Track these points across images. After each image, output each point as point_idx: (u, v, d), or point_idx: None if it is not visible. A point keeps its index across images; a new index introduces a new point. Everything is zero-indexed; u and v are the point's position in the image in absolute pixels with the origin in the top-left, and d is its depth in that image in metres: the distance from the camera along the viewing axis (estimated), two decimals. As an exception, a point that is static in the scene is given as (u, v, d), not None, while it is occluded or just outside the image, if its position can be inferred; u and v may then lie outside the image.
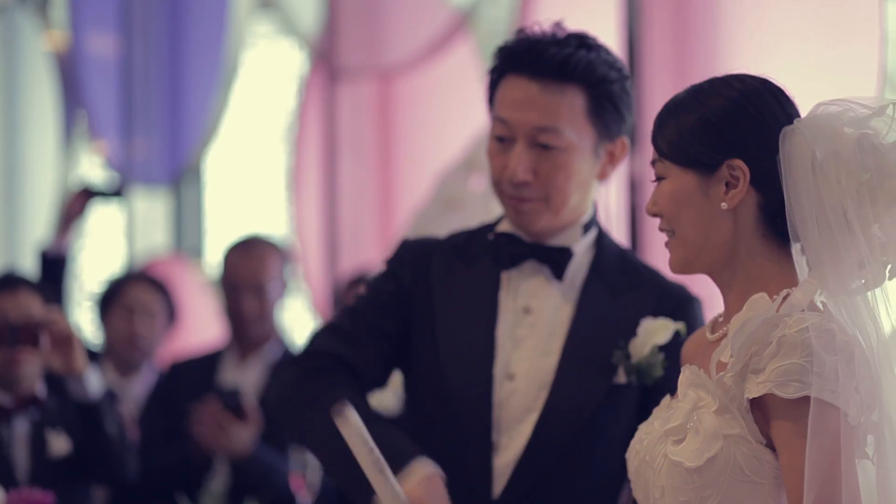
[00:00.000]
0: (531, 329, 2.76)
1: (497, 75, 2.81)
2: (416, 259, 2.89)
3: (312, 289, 7.13)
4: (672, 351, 2.54)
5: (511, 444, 2.75)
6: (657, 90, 4.90)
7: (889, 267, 2.29)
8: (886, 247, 2.29)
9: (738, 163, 2.32)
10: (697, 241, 2.35)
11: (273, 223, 7.50)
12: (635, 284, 2.80)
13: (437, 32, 6.20)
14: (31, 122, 8.61)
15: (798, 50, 4.42)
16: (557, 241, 2.81)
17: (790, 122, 2.34)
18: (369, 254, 6.61)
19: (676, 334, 2.67)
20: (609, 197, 3.03)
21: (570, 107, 2.74)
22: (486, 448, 2.74)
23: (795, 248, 2.34)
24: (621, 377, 2.70)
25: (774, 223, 2.33)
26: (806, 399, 2.18)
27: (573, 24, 5.47)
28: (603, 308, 2.71)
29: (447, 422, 2.78)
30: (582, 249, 2.83)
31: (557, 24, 2.81)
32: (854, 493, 2.18)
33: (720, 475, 2.24)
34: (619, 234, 4.12)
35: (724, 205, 2.33)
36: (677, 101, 2.41)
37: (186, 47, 7.94)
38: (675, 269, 2.40)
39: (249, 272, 5.08)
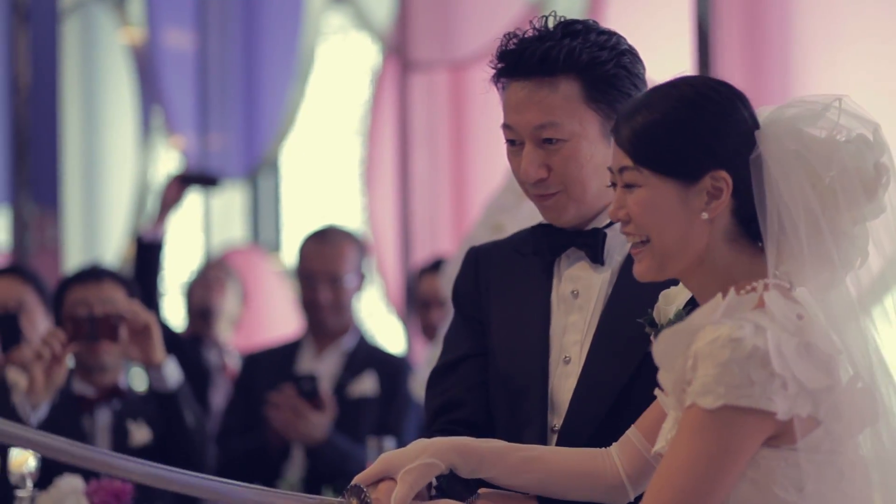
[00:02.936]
0: (580, 312, 2.79)
1: (501, 85, 2.82)
2: (475, 265, 2.94)
3: (387, 280, 7.17)
4: None
5: None
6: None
7: (858, 262, 2.32)
8: (853, 244, 2.32)
9: (723, 174, 2.32)
10: (674, 249, 2.35)
11: (348, 215, 7.55)
12: None
13: (509, 25, 6.23)
14: (109, 118, 8.72)
15: (870, 44, 4.40)
16: (592, 226, 2.83)
17: (757, 126, 2.35)
18: (443, 244, 6.64)
19: None
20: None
21: (566, 98, 2.73)
22: (542, 431, 2.77)
23: (768, 248, 2.34)
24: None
25: (749, 227, 2.34)
26: (725, 408, 2.21)
27: (645, 19, 5.48)
28: (640, 282, 2.73)
29: (507, 405, 2.82)
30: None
31: (546, 17, 2.80)
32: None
33: None
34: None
35: (704, 215, 2.33)
36: (643, 101, 2.40)
37: (262, 42, 8.01)
38: (645, 277, 2.41)
39: (325, 262, 5.12)
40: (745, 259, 2.36)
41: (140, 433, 4.36)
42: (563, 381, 2.78)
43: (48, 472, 3.66)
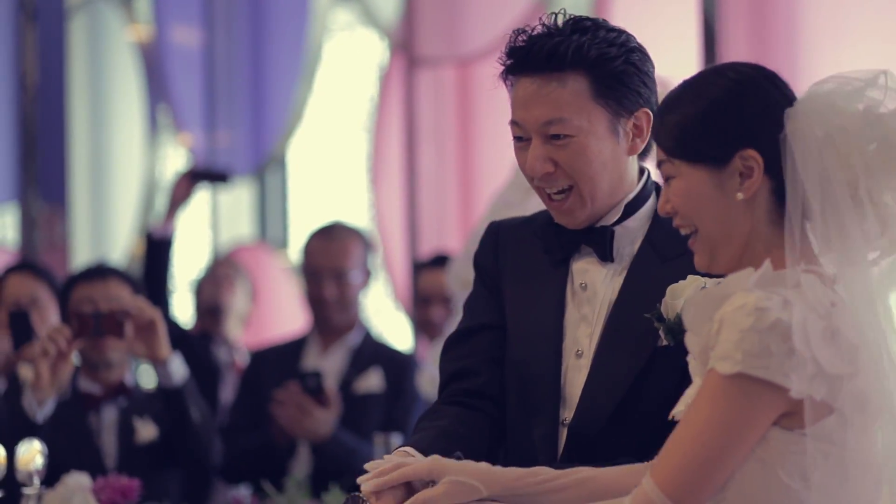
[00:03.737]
0: (590, 304, 2.79)
1: (509, 82, 2.82)
2: (495, 240, 2.94)
3: (393, 277, 7.18)
4: None
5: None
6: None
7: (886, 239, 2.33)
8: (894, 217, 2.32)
9: (751, 153, 2.34)
10: (720, 235, 2.38)
11: (355, 211, 7.56)
12: (687, 248, 2.82)
13: (515, 21, 6.22)
14: (116, 115, 8.72)
15: (877, 43, 4.40)
16: (601, 223, 2.83)
17: (790, 104, 2.37)
18: (450, 241, 6.64)
19: None
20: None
21: (574, 94, 2.73)
22: (553, 423, 2.77)
23: (796, 228, 2.34)
24: (663, 340, 2.72)
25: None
26: (740, 376, 2.24)
27: (651, 13, 5.48)
28: (652, 275, 2.72)
29: (517, 391, 2.82)
30: (635, 224, 2.82)
31: (556, 14, 2.80)
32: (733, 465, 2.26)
33: None
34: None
35: (739, 195, 2.35)
36: (674, 97, 2.43)
37: (269, 39, 8.02)
38: (702, 267, 2.43)
39: (331, 258, 5.12)
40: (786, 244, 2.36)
41: (146, 430, 4.37)
42: (575, 374, 2.78)
43: (55, 470, 3.67)
